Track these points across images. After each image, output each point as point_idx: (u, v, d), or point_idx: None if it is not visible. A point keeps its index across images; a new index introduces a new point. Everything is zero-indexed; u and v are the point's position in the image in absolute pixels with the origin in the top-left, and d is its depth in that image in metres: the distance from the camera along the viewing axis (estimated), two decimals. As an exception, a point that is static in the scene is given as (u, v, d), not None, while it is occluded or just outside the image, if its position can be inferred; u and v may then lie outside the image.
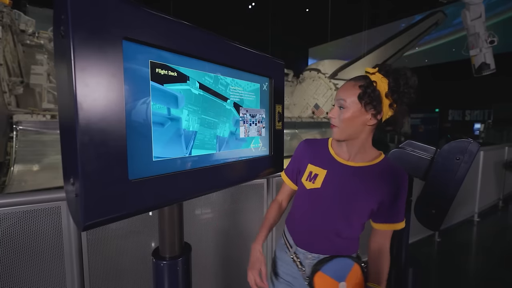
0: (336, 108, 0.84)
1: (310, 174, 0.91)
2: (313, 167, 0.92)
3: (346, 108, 0.81)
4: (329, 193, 0.87)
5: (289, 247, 0.95)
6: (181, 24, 0.67)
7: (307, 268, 0.90)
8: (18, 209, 1.14)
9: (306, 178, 0.92)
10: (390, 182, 0.84)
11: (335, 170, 0.88)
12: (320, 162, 0.92)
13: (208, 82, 0.78)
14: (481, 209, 3.78)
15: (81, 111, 0.48)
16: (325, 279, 0.84)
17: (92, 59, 0.50)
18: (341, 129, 0.83)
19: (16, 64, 4.37)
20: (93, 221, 0.51)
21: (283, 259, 0.97)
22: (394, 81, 0.77)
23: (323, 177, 0.89)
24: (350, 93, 0.81)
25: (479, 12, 6.76)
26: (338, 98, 0.83)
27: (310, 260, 0.90)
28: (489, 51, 6.88)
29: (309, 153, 0.96)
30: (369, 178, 0.85)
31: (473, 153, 1.26)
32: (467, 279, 2.35)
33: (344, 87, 0.83)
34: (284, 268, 0.96)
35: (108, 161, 0.53)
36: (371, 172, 0.86)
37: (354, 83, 0.81)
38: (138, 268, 1.43)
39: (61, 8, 0.48)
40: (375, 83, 0.78)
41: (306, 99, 7.85)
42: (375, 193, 0.84)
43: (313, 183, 0.90)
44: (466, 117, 12.52)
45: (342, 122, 0.82)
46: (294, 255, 0.93)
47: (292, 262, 0.93)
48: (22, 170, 3.76)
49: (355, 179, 0.86)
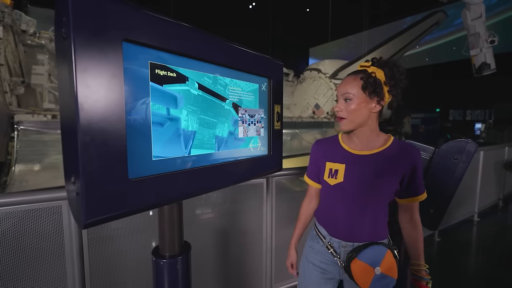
0: (341, 101, 0.92)
1: (331, 171, 0.98)
2: (332, 164, 0.99)
3: (352, 100, 0.89)
4: (353, 184, 0.93)
5: (322, 237, 1.02)
6: (180, 25, 0.68)
7: (342, 256, 0.97)
8: (20, 208, 1.15)
9: (328, 175, 0.99)
10: (406, 159, 0.91)
11: (352, 162, 0.95)
12: (337, 158, 0.98)
13: (207, 83, 0.79)
14: (481, 209, 3.78)
15: (82, 112, 0.49)
16: (361, 265, 0.91)
17: (93, 61, 0.51)
18: (349, 120, 0.90)
19: (17, 64, 4.39)
20: (93, 219, 0.52)
21: (316, 249, 1.04)
22: (389, 71, 0.87)
23: (343, 171, 0.95)
24: (353, 85, 0.89)
25: (480, 12, 6.75)
26: (343, 92, 0.91)
27: (345, 248, 0.97)
28: (489, 51, 6.87)
29: (324, 152, 1.03)
30: (386, 161, 0.92)
31: (471, 153, 1.27)
32: (467, 279, 2.35)
33: (346, 81, 0.91)
34: (318, 256, 1.03)
35: (108, 160, 0.54)
36: (386, 155, 0.93)
37: (354, 77, 0.90)
38: (138, 267, 1.44)
39: (62, 10, 0.49)
40: (374, 74, 0.87)
41: (307, 99, 7.85)
42: (395, 173, 0.91)
43: (335, 179, 0.96)
44: (467, 117, 12.50)
45: (351, 113, 0.90)
46: (328, 245, 0.99)
47: (325, 251, 1.00)
48: (23, 169, 3.78)
49: (374, 165, 0.92)
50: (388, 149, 0.93)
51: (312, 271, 1.04)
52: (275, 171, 1.14)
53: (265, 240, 1.91)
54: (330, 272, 1.01)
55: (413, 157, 0.92)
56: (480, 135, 10.26)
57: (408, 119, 12.98)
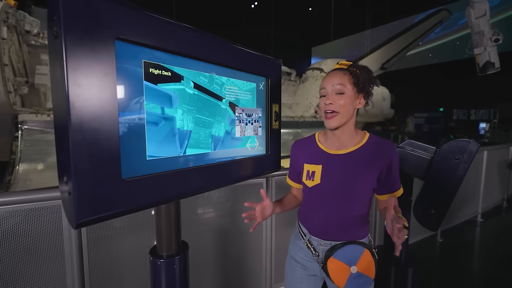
0: (333, 95, 0.88)
1: (308, 172, 0.98)
2: (309, 165, 0.98)
3: (345, 93, 0.87)
4: (330, 185, 0.94)
5: (303, 235, 1.03)
6: (174, 24, 0.67)
7: (321, 254, 0.98)
8: (19, 208, 1.16)
9: (305, 177, 0.99)
10: (381, 155, 0.91)
11: (329, 162, 0.95)
12: (314, 159, 0.98)
13: (202, 82, 0.78)
14: (484, 210, 3.73)
15: (73, 111, 0.49)
16: (337, 264, 0.92)
17: (85, 60, 0.50)
18: (342, 114, 0.88)
19: (21, 64, 4.42)
20: (85, 219, 0.52)
21: (299, 246, 1.05)
22: (365, 72, 0.89)
23: (320, 172, 0.95)
24: (345, 79, 0.87)
25: (484, 10, 6.68)
26: (336, 84, 0.87)
27: (323, 246, 0.98)
28: (493, 49, 6.79)
29: (301, 153, 1.03)
30: (362, 159, 0.92)
31: (473, 152, 1.25)
32: (470, 281, 2.32)
33: (336, 75, 0.89)
34: (300, 253, 1.04)
35: (100, 160, 0.53)
36: (362, 153, 0.93)
37: (343, 72, 0.89)
38: (138, 266, 1.45)
39: (54, 9, 0.49)
40: (358, 72, 0.88)
41: (309, 99, 7.83)
42: (371, 170, 0.91)
43: (312, 181, 0.96)
44: (471, 116, 12.37)
45: (343, 107, 0.87)
46: (308, 242, 1.01)
47: (306, 248, 1.01)
48: (27, 169, 3.81)
49: (350, 164, 0.92)
50: (364, 147, 0.93)
51: (295, 267, 1.05)
52: (273, 171, 1.14)
53: (265, 240, 1.91)
54: (311, 269, 1.02)
55: (388, 153, 0.91)
56: (485, 134, 10.15)
57: (411, 119, 12.90)
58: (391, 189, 0.95)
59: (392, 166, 0.92)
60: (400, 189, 0.97)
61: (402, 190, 0.97)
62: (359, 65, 0.91)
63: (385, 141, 0.94)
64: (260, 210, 0.97)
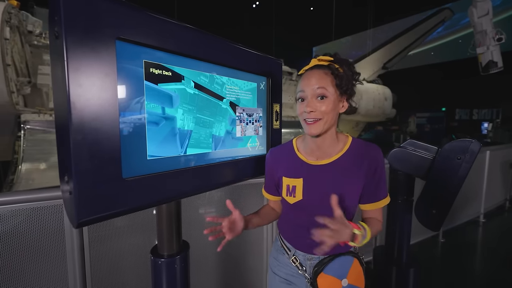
0: (313, 99, 0.78)
1: (288, 188, 0.88)
2: (288, 179, 0.88)
3: (328, 97, 0.77)
4: (313, 200, 0.85)
5: (287, 250, 0.95)
6: (175, 23, 0.67)
7: (308, 269, 0.90)
8: (21, 207, 1.16)
9: (286, 193, 0.89)
10: (367, 160, 0.83)
11: (310, 175, 0.86)
12: (293, 172, 0.88)
13: (203, 82, 0.78)
14: (486, 210, 3.71)
15: (74, 110, 0.49)
16: (328, 279, 0.85)
17: (86, 60, 0.50)
18: (324, 121, 0.78)
19: (23, 64, 4.45)
20: (86, 218, 0.52)
21: (281, 261, 0.97)
22: (348, 69, 0.79)
23: (301, 186, 0.86)
24: (328, 81, 0.77)
25: (487, 9, 6.63)
26: (317, 87, 0.77)
27: (311, 261, 0.90)
28: (496, 48, 6.74)
29: (278, 164, 0.93)
30: (345, 167, 0.83)
31: (475, 152, 1.24)
32: (472, 281, 2.31)
33: (317, 75, 0.78)
34: (284, 269, 0.96)
35: (101, 159, 0.54)
36: (345, 160, 0.84)
37: (324, 71, 0.79)
38: (139, 265, 1.45)
39: (55, 9, 0.49)
40: (341, 70, 0.78)
41: (310, 98, 7.79)
42: (356, 178, 0.82)
43: (294, 197, 0.87)
44: (474, 116, 12.31)
45: (326, 113, 0.78)
46: (294, 257, 0.93)
47: (291, 263, 0.93)
48: (29, 168, 3.84)
49: (333, 175, 0.84)
50: (347, 153, 0.85)
51: (279, 284, 0.97)
52: (274, 170, 1.13)
53: (265, 239, 1.91)
54: (296, 284, 0.94)
55: (373, 156, 0.83)
56: (487, 134, 10.10)
57: (413, 118, 12.85)
58: (375, 197, 0.85)
59: (377, 171, 0.83)
60: (387, 198, 0.87)
61: (389, 200, 0.87)
62: (340, 60, 0.80)
63: (369, 145, 0.86)
64: (228, 225, 0.83)
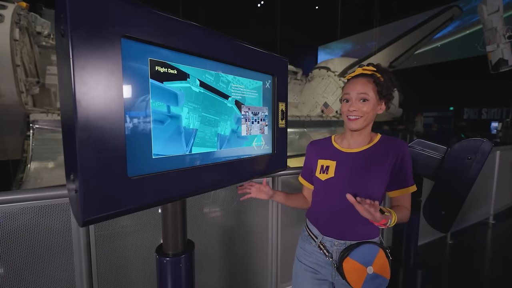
0: (356, 101, 0.95)
1: (322, 167, 1.03)
2: (323, 161, 1.04)
3: (369, 101, 0.94)
4: (343, 179, 0.97)
5: (314, 237, 1.03)
6: (180, 21, 0.67)
7: (334, 255, 0.97)
8: (29, 205, 1.18)
9: (319, 171, 1.03)
10: (393, 152, 0.95)
11: (343, 159, 1.00)
12: (328, 156, 1.04)
13: (209, 80, 0.78)
14: (496, 211, 3.64)
15: (80, 109, 0.49)
16: (354, 264, 0.90)
17: (91, 58, 0.50)
18: (364, 119, 0.95)
19: (32, 65, 4.52)
20: (92, 217, 0.52)
21: (308, 250, 1.04)
22: (388, 78, 0.96)
23: (334, 167, 1.00)
24: (369, 88, 0.94)
25: (497, 5, 6.48)
26: (360, 92, 0.95)
27: (337, 246, 0.97)
28: (507, 46, 6.58)
29: (316, 151, 1.09)
30: (374, 156, 0.96)
31: (486, 152, 1.21)
32: (481, 284, 2.26)
33: (361, 82, 0.95)
34: (310, 258, 1.03)
35: (107, 158, 0.53)
36: (374, 150, 0.98)
37: (367, 79, 0.95)
38: (144, 264, 1.46)
39: (61, 7, 0.49)
40: (382, 79, 0.95)
41: (316, 98, 7.77)
42: (383, 165, 0.94)
43: (326, 174, 1.00)
44: (483, 115, 12.05)
45: (366, 113, 0.95)
46: (320, 244, 1.00)
47: (317, 251, 1.00)
48: (38, 167, 3.90)
49: (363, 161, 0.97)
50: (376, 145, 0.99)
51: (304, 272, 1.03)
52: (280, 170, 1.13)
53: (271, 239, 1.90)
54: (322, 273, 1.00)
55: (399, 148, 0.95)
56: (497, 134, 9.88)
57: (420, 118, 12.65)
58: (402, 184, 0.96)
59: (404, 160, 0.95)
60: (413, 186, 0.97)
61: (415, 188, 0.98)
62: (382, 69, 0.97)
63: (396, 139, 0.99)
64: (257, 189, 1.09)
